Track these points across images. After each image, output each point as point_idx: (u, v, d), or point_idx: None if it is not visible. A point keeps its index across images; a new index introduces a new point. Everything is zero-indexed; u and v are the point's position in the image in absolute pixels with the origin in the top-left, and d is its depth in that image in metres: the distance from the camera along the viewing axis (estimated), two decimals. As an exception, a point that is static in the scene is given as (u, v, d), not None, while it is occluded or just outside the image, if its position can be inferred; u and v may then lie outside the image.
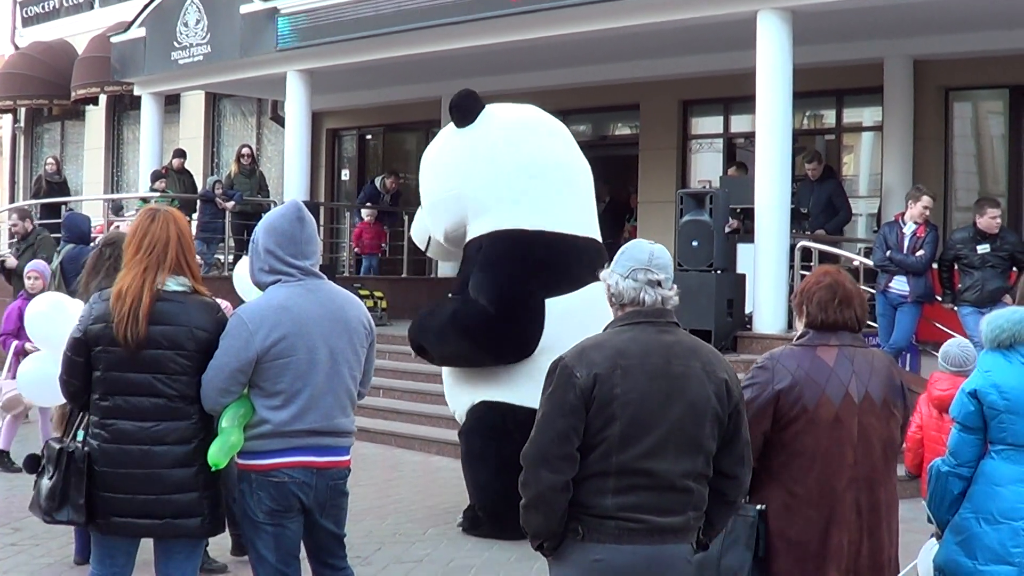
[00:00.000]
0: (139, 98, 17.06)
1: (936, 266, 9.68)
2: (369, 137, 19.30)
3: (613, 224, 14.26)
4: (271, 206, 15.13)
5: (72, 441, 4.24)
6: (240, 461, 4.18)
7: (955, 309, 9.52)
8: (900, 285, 9.61)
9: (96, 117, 21.59)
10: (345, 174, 19.36)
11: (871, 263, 10.16)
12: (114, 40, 16.78)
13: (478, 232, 7.32)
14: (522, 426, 3.94)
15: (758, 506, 3.80)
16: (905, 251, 9.54)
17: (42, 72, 20.26)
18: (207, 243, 15.08)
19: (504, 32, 12.33)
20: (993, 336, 4.56)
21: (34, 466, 4.29)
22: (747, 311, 10.83)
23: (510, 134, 7.40)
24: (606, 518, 3.30)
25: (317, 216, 14.74)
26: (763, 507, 3.80)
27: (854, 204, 13.23)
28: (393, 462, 9.76)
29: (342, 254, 17.15)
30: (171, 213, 4.27)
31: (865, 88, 13.30)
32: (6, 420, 8.52)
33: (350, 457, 4.37)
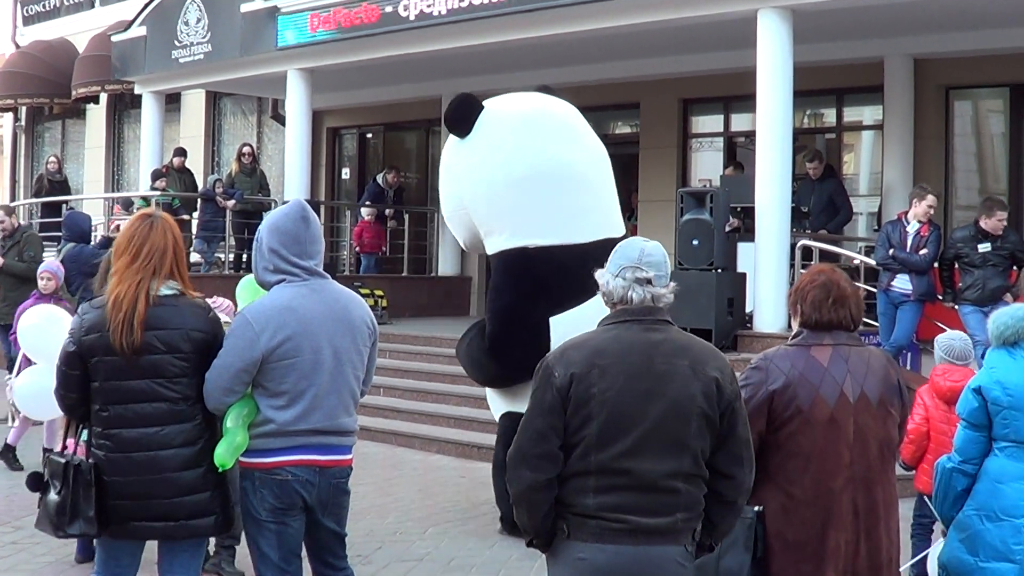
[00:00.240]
0: (140, 97, 17.06)
1: (936, 265, 9.69)
2: (369, 136, 19.30)
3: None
4: (272, 205, 15.16)
5: (75, 455, 4.18)
6: (243, 459, 4.19)
7: (956, 308, 9.52)
8: (902, 284, 9.61)
9: (97, 116, 21.59)
10: (345, 173, 19.36)
11: (873, 262, 10.16)
12: (115, 39, 16.78)
13: (491, 250, 7.26)
14: None
15: (756, 507, 3.78)
16: (908, 249, 9.54)
17: (43, 71, 20.26)
18: (207, 242, 15.08)
19: (504, 31, 12.33)
20: (998, 333, 4.59)
21: (37, 484, 4.27)
22: (748, 310, 10.83)
23: (509, 142, 7.09)
24: (588, 517, 3.30)
25: (318, 215, 14.73)
26: (760, 508, 3.78)
27: (854, 203, 13.24)
28: (394, 461, 9.77)
29: (342, 253, 17.16)
30: (167, 220, 4.26)
31: (865, 87, 13.30)
32: (20, 418, 8.53)
33: (352, 456, 4.38)
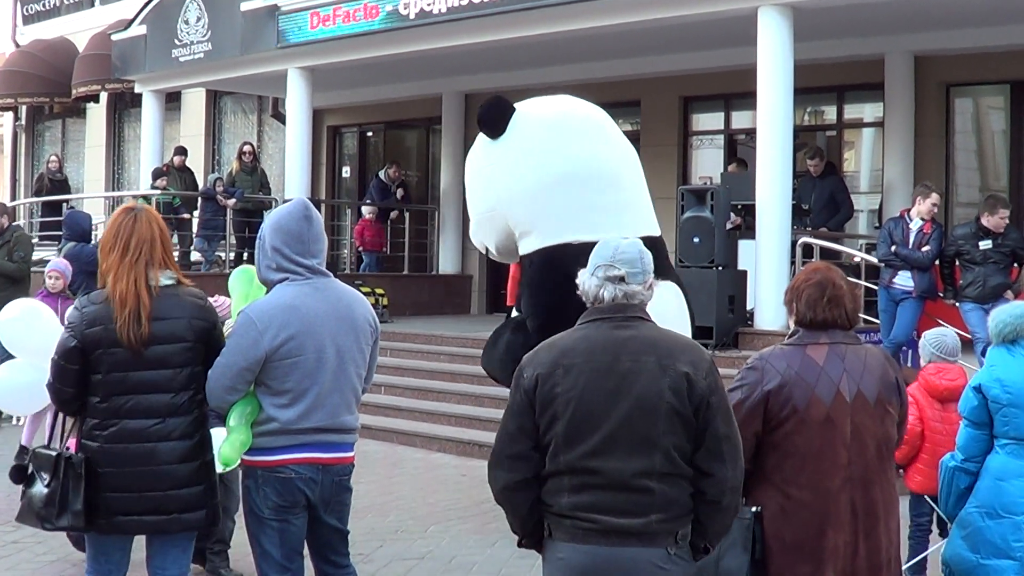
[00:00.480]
0: (140, 96, 17.06)
1: (937, 262, 9.68)
2: (370, 134, 19.29)
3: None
4: (273, 203, 15.16)
5: (65, 446, 4.19)
6: (246, 457, 4.20)
7: (957, 305, 9.52)
8: (904, 280, 9.61)
9: (97, 115, 21.58)
10: (346, 171, 19.35)
11: (874, 259, 10.16)
12: (115, 38, 16.78)
13: (526, 249, 7.14)
14: None
15: (754, 508, 3.76)
16: (910, 246, 9.54)
17: (43, 70, 20.25)
18: (208, 241, 15.09)
19: (503, 29, 12.32)
20: (998, 331, 4.60)
21: (20, 476, 4.25)
22: (749, 307, 10.83)
23: (544, 143, 7.07)
24: (563, 517, 3.32)
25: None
26: (759, 509, 3.76)
27: (855, 200, 13.24)
28: (395, 459, 9.77)
29: (343, 251, 17.16)
30: (149, 211, 4.28)
31: (866, 84, 13.29)
32: (28, 417, 8.53)
33: (354, 453, 4.39)
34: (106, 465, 4.04)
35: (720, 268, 10.49)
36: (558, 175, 6.94)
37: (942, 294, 9.76)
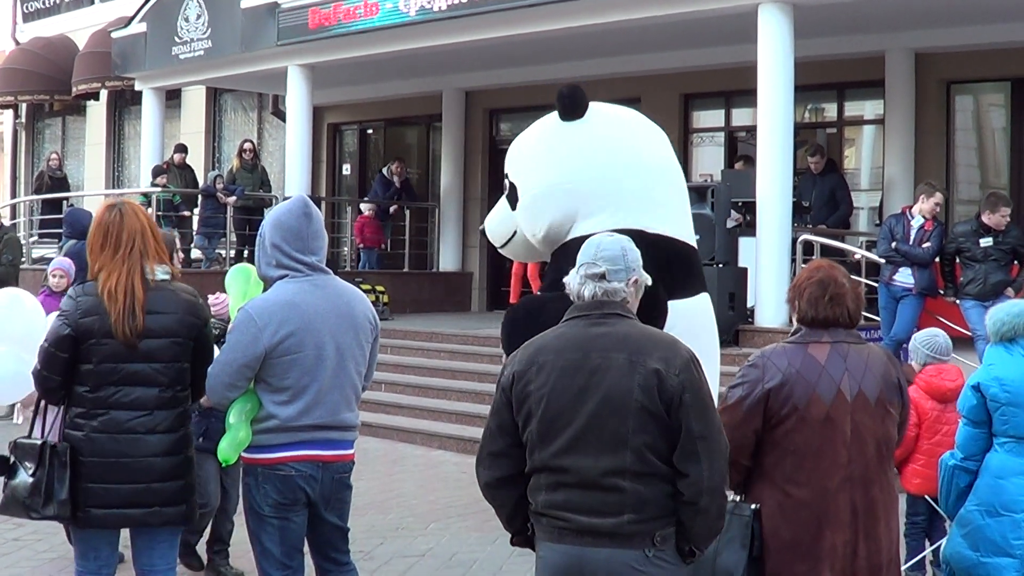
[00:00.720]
0: (140, 93, 17.06)
1: (937, 259, 9.68)
2: (370, 131, 19.28)
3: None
4: (273, 201, 15.15)
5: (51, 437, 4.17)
6: (246, 455, 4.20)
7: (957, 302, 9.51)
8: (904, 278, 9.60)
9: (97, 112, 21.58)
10: (346, 168, 19.34)
11: (874, 256, 10.16)
12: (115, 35, 16.78)
13: (591, 229, 6.46)
14: None
15: (753, 505, 3.76)
16: (911, 243, 9.53)
17: (43, 68, 20.25)
18: (208, 238, 15.08)
19: (504, 26, 12.32)
20: (995, 330, 4.60)
21: (3, 467, 4.24)
22: (749, 305, 10.83)
23: (624, 132, 7.07)
24: (540, 515, 3.33)
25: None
26: (757, 506, 3.76)
27: (855, 197, 13.23)
28: (395, 456, 9.78)
29: (343, 248, 17.16)
30: (133, 205, 4.27)
31: (866, 81, 13.28)
32: (26, 416, 8.51)
33: (354, 451, 4.39)
34: (90, 455, 4.03)
35: (721, 265, 10.50)
36: (631, 163, 6.87)
37: (942, 291, 9.76)
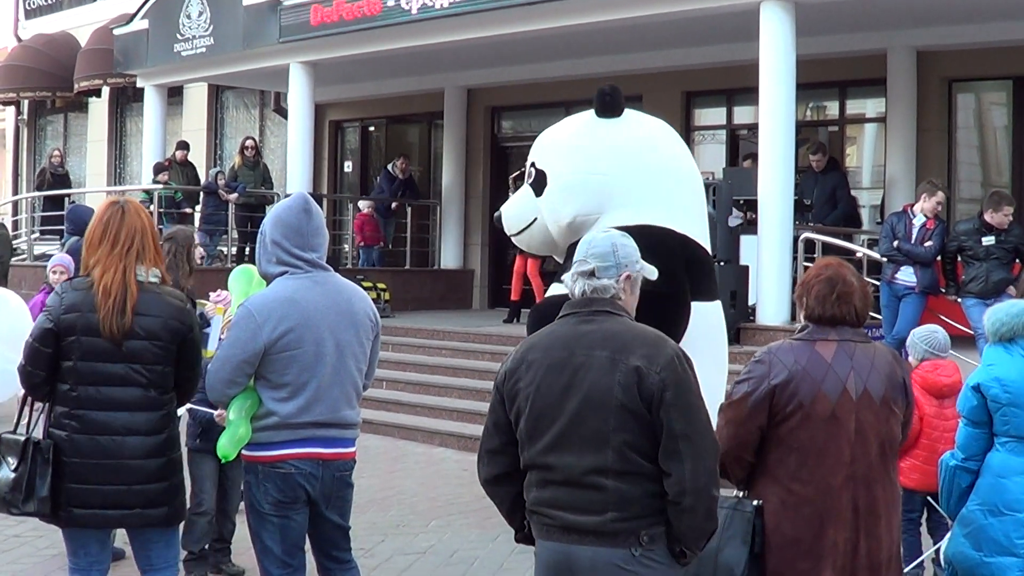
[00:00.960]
0: (142, 90, 17.07)
1: (939, 257, 9.68)
2: (372, 129, 19.28)
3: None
4: (275, 198, 15.16)
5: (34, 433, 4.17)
6: (247, 453, 4.20)
7: (959, 301, 9.51)
8: (906, 276, 9.59)
9: (99, 109, 21.57)
10: (348, 166, 19.34)
11: (876, 254, 10.15)
12: (117, 32, 16.79)
13: (619, 223, 6.44)
14: None
15: (755, 502, 3.76)
16: (913, 241, 9.53)
17: (45, 64, 20.25)
18: (210, 235, 15.08)
19: (506, 23, 12.32)
20: (994, 330, 4.59)
21: None
22: (751, 303, 10.83)
23: (657, 136, 7.26)
24: (532, 512, 3.35)
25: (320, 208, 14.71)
26: (760, 503, 3.76)
27: (857, 196, 13.22)
28: (396, 454, 9.78)
29: (344, 246, 17.16)
30: (135, 203, 4.28)
31: (868, 79, 13.26)
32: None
33: (355, 448, 4.39)
34: (72, 455, 4.03)
35: (722, 263, 10.48)
36: (662, 166, 7.01)
37: (944, 290, 9.75)
